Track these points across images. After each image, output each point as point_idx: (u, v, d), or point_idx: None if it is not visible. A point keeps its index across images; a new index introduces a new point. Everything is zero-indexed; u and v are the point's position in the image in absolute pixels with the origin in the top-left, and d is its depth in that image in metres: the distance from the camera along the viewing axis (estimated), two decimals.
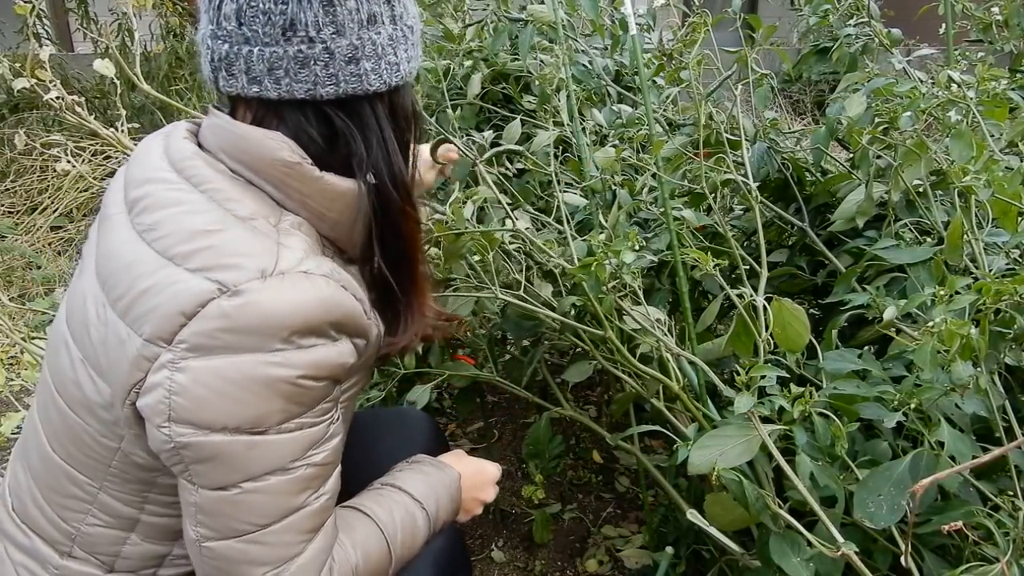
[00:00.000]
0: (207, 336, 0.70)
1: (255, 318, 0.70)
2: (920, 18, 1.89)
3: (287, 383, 0.72)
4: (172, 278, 0.72)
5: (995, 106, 1.33)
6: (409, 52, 0.82)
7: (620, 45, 1.97)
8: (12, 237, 3.62)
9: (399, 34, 0.81)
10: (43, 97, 1.31)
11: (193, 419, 0.71)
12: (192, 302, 0.70)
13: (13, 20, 3.91)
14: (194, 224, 0.75)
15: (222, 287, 0.71)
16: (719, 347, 1.28)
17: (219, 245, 0.74)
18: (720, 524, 0.98)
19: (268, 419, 0.73)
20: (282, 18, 0.75)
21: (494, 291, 1.25)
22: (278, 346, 0.72)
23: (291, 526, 0.77)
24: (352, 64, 0.77)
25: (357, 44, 0.77)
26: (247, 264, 0.72)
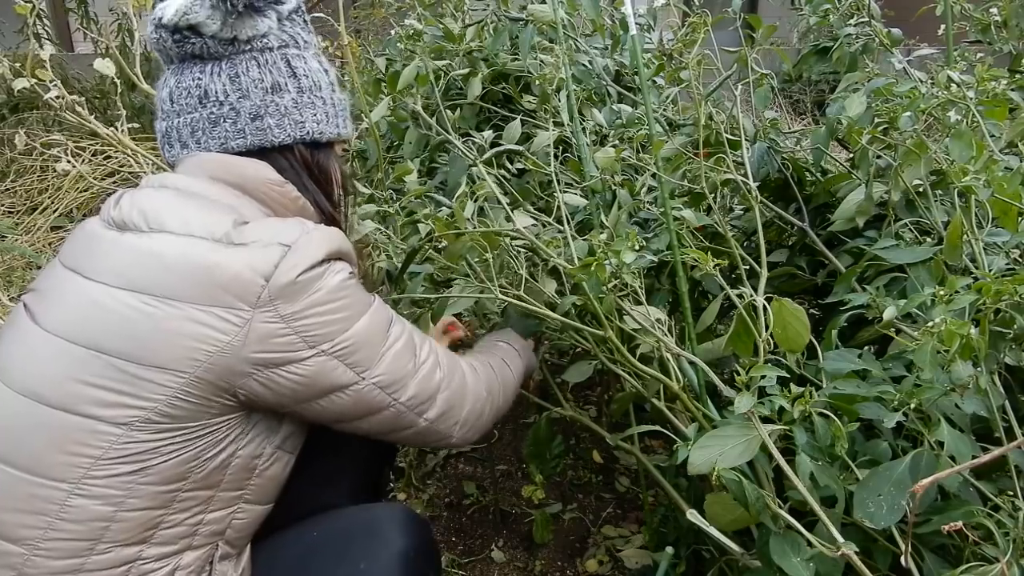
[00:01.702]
0: (288, 286, 0.87)
1: (315, 253, 0.89)
2: (919, 18, 1.89)
3: (348, 282, 0.93)
4: (236, 253, 0.87)
5: (995, 106, 1.33)
6: (317, 116, 1.02)
7: (620, 45, 1.97)
8: (12, 237, 3.62)
9: (305, 100, 1.01)
10: (43, 97, 1.31)
11: (328, 337, 0.90)
12: (268, 265, 0.86)
13: (13, 20, 3.91)
14: (225, 218, 0.91)
15: (285, 244, 0.88)
16: (719, 347, 1.28)
17: (260, 226, 0.91)
18: (720, 524, 0.98)
19: (360, 305, 0.94)
20: (198, 90, 0.96)
21: (494, 291, 1.25)
22: (329, 267, 0.91)
23: (417, 343, 1.02)
24: (257, 120, 0.97)
25: (260, 105, 0.97)
26: (292, 226, 0.92)
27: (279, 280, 0.86)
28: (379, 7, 3.46)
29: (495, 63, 1.77)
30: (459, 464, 2.07)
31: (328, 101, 1.04)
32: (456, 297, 1.34)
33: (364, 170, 1.95)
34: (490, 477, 1.96)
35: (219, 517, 0.94)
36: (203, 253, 0.87)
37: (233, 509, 0.95)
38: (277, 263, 0.87)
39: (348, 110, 1.08)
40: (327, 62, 1.06)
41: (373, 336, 0.95)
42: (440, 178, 1.76)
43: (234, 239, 0.89)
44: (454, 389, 1.06)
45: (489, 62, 1.78)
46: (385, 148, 1.78)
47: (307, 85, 1.01)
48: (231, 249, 0.88)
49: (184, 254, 0.87)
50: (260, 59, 0.98)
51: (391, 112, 1.66)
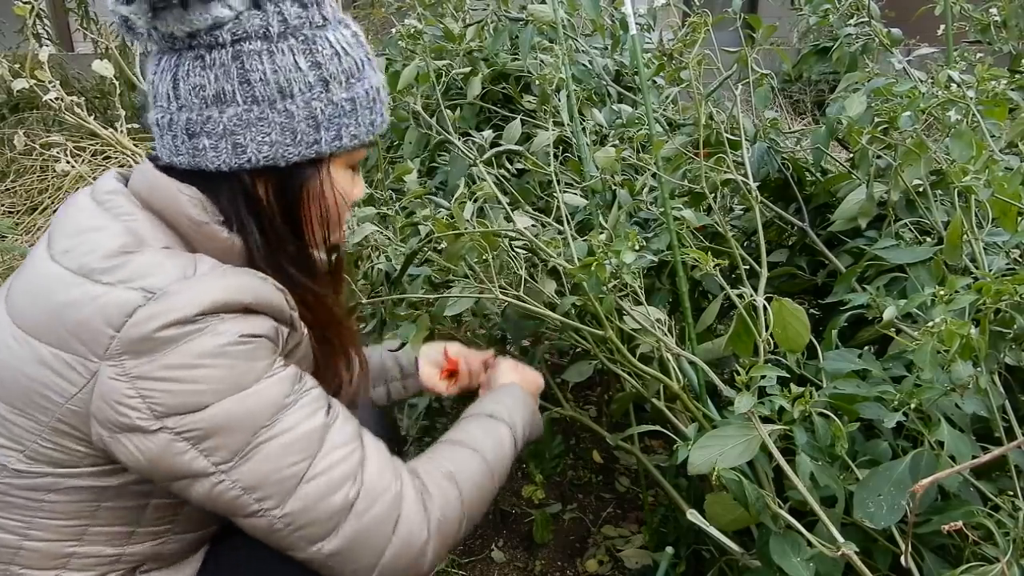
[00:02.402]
0: (143, 340, 0.72)
1: (181, 309, 0.72)
2: (919, 18, 1.89)
3: (232, 344, 0.74)
4: (93, 293, 0.73)
5: (995, 106, 1.33)
6: (270, 136, 0.78)
7: (620, 45, 1.97)
8: (12, 237, 3.62)
9: (254, 116, 0.77)
10: (43, 97, 1.31)
11: (173, 408, 0.73)
12: (120, 313, 0.72)
13: (13, 20, 3.91)
14: (112, 245, 0.77)
15: (146, 293, 0.72)
16: (719, 347, 1.28)
17: (137, 262, 0.76)
18: (720, 524, 0.98)
19: (241, 377, 0.75)
20: (151, 88, 0.81)
21: (494, 292, 1.25)
22: (207, 322, 0.73)
23: (332, 442, 0.79)
24: (193, 139, 0.78)
25: (196, 120, 0.77)
26: (169, 270, 0.75)
27: (130, 333, 0.71)
28: (379, 7, 3.46)
29: (495, 63, 1.77)
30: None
31: (299, 112, 0.78)
32: (456, 298, 1.34)
33: (364, 170, 1.95)
34: None
35: (144, 549, 0.85)
36: (62, 288, 0.75)
37: (161, 541, 0.86)
38: (131, 312, 0.71)
39: (361, 109, 0.82)
40: (343, 42, 0.81)
41: (243, 421, 0.74)
42: (440, 178, 1.76)
43: (99, 274, 0.74)
44: (373, 521, 0.79)
45: (489, 62, 1.78)
46: (385, 148, 1.78)
47: (263, 94, 0.76)
48: (90, 286, 0.74)
49: (47, 287, 0.76)
50: (206, 58, 0.76)
51: (391, 112, 1.66)
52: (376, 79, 0.84)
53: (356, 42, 0.83)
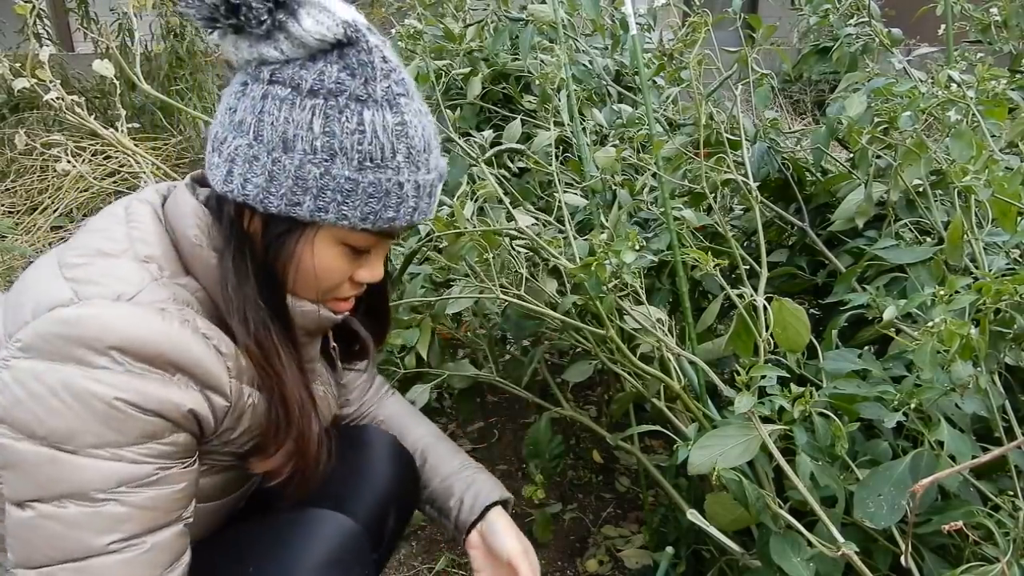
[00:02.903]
0: (40, 338, 0.70)
1: (89, 329, 0.70)
2: (919, 18, 1.89)
3: (103, 402, 0.70)
4: (50, 280, 0.75)
5: (995, 106, 1.33)
6: (255, 178, 0.75)
7: (620, 45, 1.97)
8: (12, 237, 3.62)
9: (250, 153, 0.75)
10: (43, 97, 1.31)
11: (7, 418, 0.70)
12: (45, 304, 0.72)
13: (13, 20, 3.91)
14: (96, 245, 0.78)
15: (75, 298, 0.72)
16: (719, 347, 1.28)
17: (102, 265, 0.76)
18: (720, 524, 0.98)
19: (78, 437, 0.70)
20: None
21: (494, 291, 1.25)
22: (103, 362, 0.70)
23: (88, 570, 0.71)
24: (211, 153, 0.79)
25: (218, 136, 0.78)
26: (111, 284, 0.74)
27: (38, 325, 0.71)
28: (379, 7, 3.46)
29: (495, 63, 1.77)
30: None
31: (290, 167, 0.74)
32: (456, 298, 1.34)
33: None
34: None
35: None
36: (42, 271, 0.77)
37: None
38: (52, 307, 0.71)
39: (365, 196, 0.76)
40: (377, 125, 0.75)
41: (41, 477, 0.70)
42: None
43: (66, 268, 0.76)
44: None
45: (489, 62, 1.78)
46: None
47: (267, 137, 0.74)
48: (53, 274, 0.75)
49: (36, 267, 0.79)
50: (247, 86, 0.76)
51: None
52: (415, 177, 0.78)
53: (399, 131, 0.76)
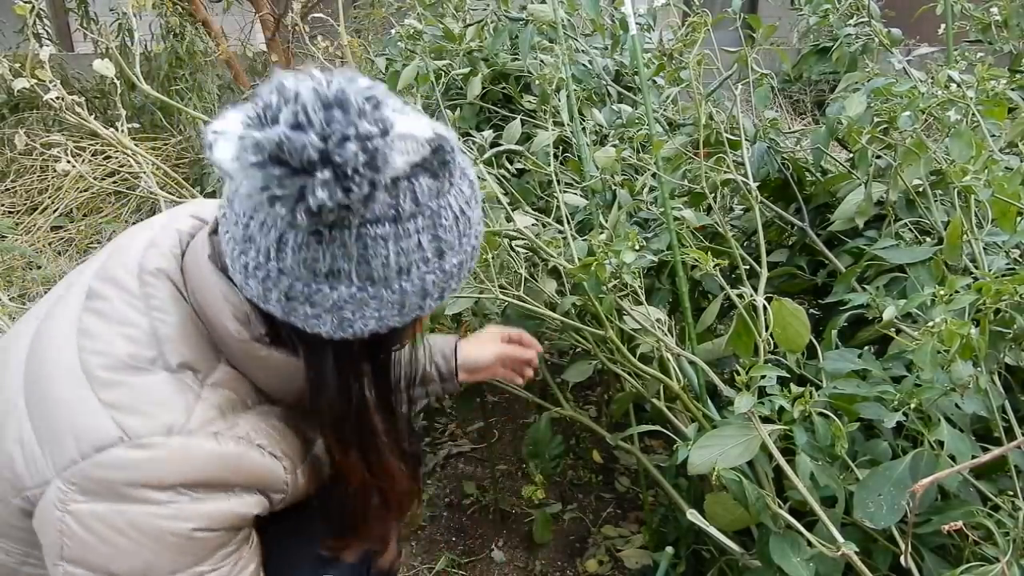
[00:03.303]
0: (95, 482, 0.69)
1: (148, 473, 0.69)
2: (919, 18, 1.89)
3: (174, 535, 0.70)
4: (84, 404, 0.71)
5: (994, 106, 1.33)
6: (381, 313, 0.70)
7: (620, 45, 1.97)
8: (12, 237, 3.62)
9: (366, 296, 0.69)
10: (43, 97, 1.31)
11: (81, 561, 0.70)
12: (93, 441, 0.69)
13: (13, 20, 3.92)
14: (126, 353, 0.74)
15: (125, 435, 0.69)
16: (719, 347, 1.28)
17: (138, 386, 0.72)
18: (720, 524, 0.98)
19: (156, 569, 0.70)
20: (235, 216, 0.70)
21: (494, 291, 1.25)
22: (166, 498, 0.70)
23: None
24: (291, 301, 0.69)
25: (301, 289, 0.68)
26: (157, 415, 0.71)
27: (90, 469, 0.69)
28: (379, 7, 3.46)
29: (495, 63, 1.77)
30: (459, 464, 2.07)
31: (412, 287, 0.70)
32: (456, 297, 1.34)
33: None
34: (490, 477, 1.96)
35: None
36: (66, 381, 0.73)
37: None
38: (102, 448, 0.69)
39: (469, 264, 0.74)
40: (461, 201, 0.71)
41: None
42: None
43: (99, 386, 0.72)
44: None
45: (489, 62, 1.78)
46: None
47: (380, 276, 0.68)
48: (85, 393, 0.71)
49: (57, 369, 0.74)
50: (324, 235, 0.65)
51: None
52: (480, 220, 0.75)
53: (472, 191, 0.73)
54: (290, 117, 0.59)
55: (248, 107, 0.61)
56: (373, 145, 0.60)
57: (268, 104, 0.60)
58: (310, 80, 0.61)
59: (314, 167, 0.59)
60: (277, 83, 0.60)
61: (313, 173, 0.59)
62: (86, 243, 3.71)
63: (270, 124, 0.59)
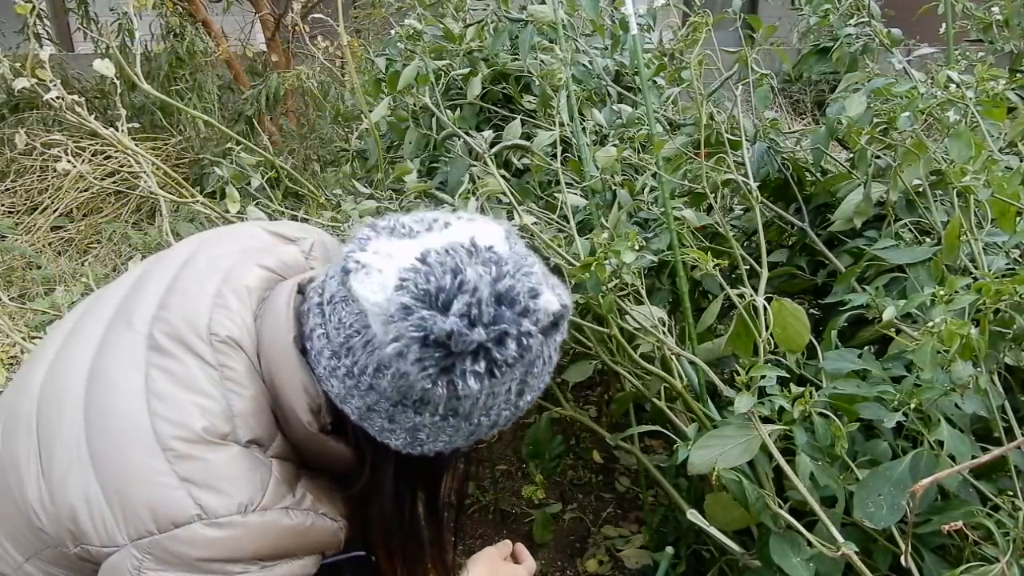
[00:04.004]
0: (173, 555, 0.70)
1: (225, 551, 0.71)
2: (919, 18, 1.89)
3: None
4: (160, 476, 0.71)
5: (994, 106, 1.33)
6: (452, 439, 0.72)
7: (620, 45, 1.97)
8: (12, 237, 3.62)
9: (446, 425, 0.70)
10: (43, 97, 1.31)
11: None
12: (169, 517, 0.70)
13: (13, 20, 3.92)
14: (201, 427, 0.73)
15: (203, 513, 0.70)
16: (719, 347, 1.28)
17: (214, 461, 0.72)
18: (720, 524, 0.98)
19: None
20: (338, 324, 0.70)
21: None
22: (243, 570, 0.72)
23: None
24: (370, 411, 0.71)
25: (384, 407, 0.70)
26: (233, 493, 0.72)
27: (167, 543, 0.70)
28: (379, 7, 3.46)
29: (495, 63, 1.77)
30: (459, 464, 2.07)
31: (486, 422, 0.72)
32: None
33: (364, 170, 1.95)
34: (490, 477, 1.97)
35: None
36: (139, 447, 0.72)
37: None
38: (180, 524, 0.70)
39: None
40: (552, 348, 0.71)
41: None
42: (440, 178, 1.76)
43: (173, 459, 0.71)
44: None
45: (489, 62, 1.78)
46: (385, 148, 1.78)
47: (464, 411, 0.70)
48: (160, 464, 0.71)
49: (127, 430, 0.73)
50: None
51: (391, 112, 1.66)
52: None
53: (562, 335, 0.72)
54: (463, 308, 0.61)
55: (411, 264, 0.63)
56: (528, 342, 0.63)
57: (442, 287, 0.61)
58: (481, 265, 0.63)
59: (472, 357, 0.62)
60: (454, 264, 0.62)
61: (465, 359, 0.62)
62: (86, 243, 3.71)
63: (441, 310, 0.61)
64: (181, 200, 1.54)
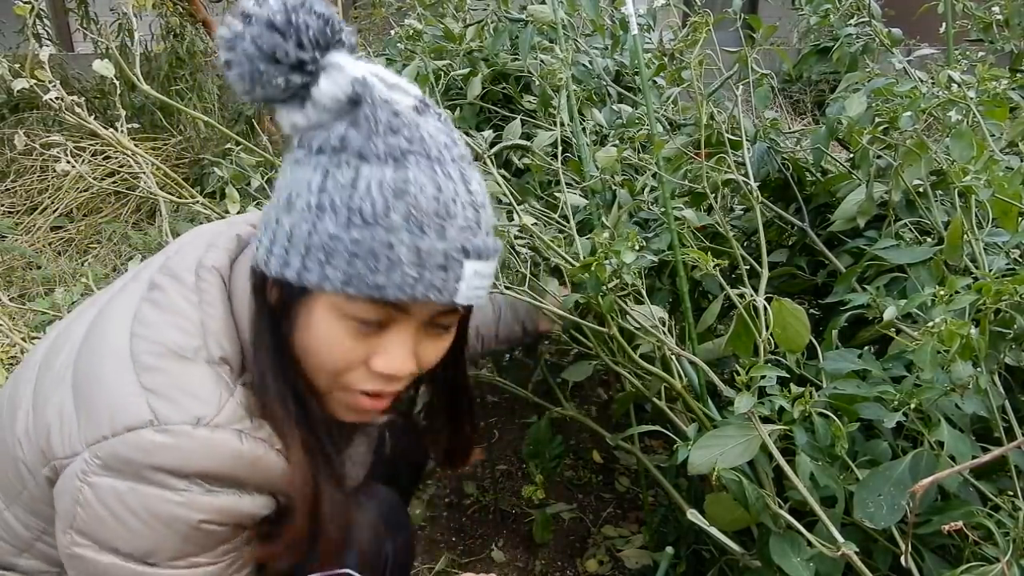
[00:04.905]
0: (119, 460, 0.71)
1: (171, 460, 0.71)
2: (920, 17, 1.89)
3: (186, 524, 0.72)
4: (125, 385, 0.73)
5: (995, 106, 1.33)
6: (267, 236, 0.74)
7: (620, 45, 1.97)
8: (12, 237, 3.62)
9: (269, 217, 0.74)
10: (43, 97, 1.31)
11: (89, 533, 0.72)
12: (124, 422, 0.71)
13: (13, 20, 3.92)
14: (173, 341, 0.75)
15: (155, 419, 0.71)
16: (719, 347, 1.28)
17: (178, 374, 0.74)
18: (720, 524, 0.98)
19: (161, 553, 0.72)
20: None
21: (498, 288, 1.25)
22: (183, 486, 0.72)
23: None
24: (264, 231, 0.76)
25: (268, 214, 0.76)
26: (188, 405, 0.72)
27: (118, 446, 0.71)
28: (379, 7, 3.46)
29: (495, 63, 1.77)
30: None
31: (285, 226, 0.72)
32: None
33: None
34: (490, 477, 1.97)
35: None
36: (112, 361, 0.75)
37: None
38: (132, 428, 0.71)
39: (341, 255, 0.70)
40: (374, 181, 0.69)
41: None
42: None
43: (142, 371, 0.74)
44: None
45: (489, 62, 1.78)
46: None
47: (277, 200, 0.75)
48: (127, 377, 0.73)
49: (107, 349, 0.76)
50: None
51: None
52: (417, 241, 0.70)
53: (399, 189, 0.70)
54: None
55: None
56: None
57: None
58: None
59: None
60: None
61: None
62: (86, 243, 3.71)
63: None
64: (181, 200, 1.54)
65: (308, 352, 0.77)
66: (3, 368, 1.79)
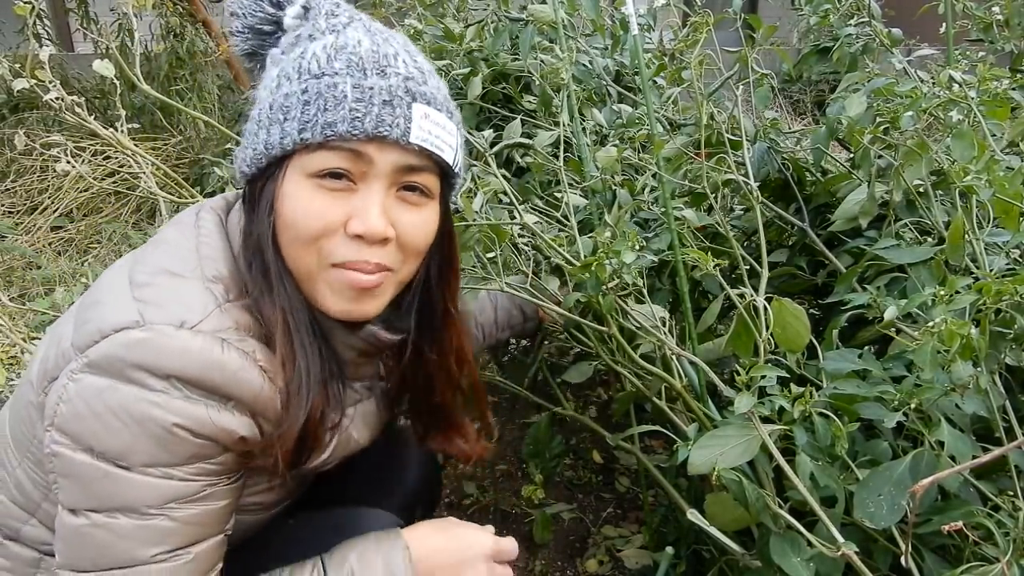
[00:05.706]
0: (104, 357, 0.72)
1: (148, 355, 0.72)
2: (920, 18, 1.89)
3: (159, 426, 0.72)
4: (120, 300, 0.76)
5: (996, 106, 1.33)
6: (246, 140, 0.83)
7: (621, 45, 1.97)
8: (12, 237, 3.62)
9: (251, 122, 0.83)
10: (43, 97, 1.31)
11: (67, 429, 0.73)
12: (113, 324, 0.73)
13: (13, 20, 3.92)
14: (166, 263, 0.80)
15: (141, 320, 0.73)
16: (719, 347, 1.28)
17: (169, 287, 0.77)
18: (720, 524, 0.98)
19: (132, 455, 0.72)
20: None
21: (500, 284, 1.25)
22: (161, 387, 0.72)
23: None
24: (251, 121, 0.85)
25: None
26: (175, 310, 0.75)
27: (105, 346, 0.73)
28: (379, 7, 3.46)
29: (495, 63, 1.77)
30: (459, 464, 2.07)
31: (255, 115, 0.82)
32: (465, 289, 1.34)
33: None
34: (490, 477, 1.96)
35: None
36: (108, 289, 0.79)
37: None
38: (119, 328, 0.73)
39: (298, 105, 0.77)
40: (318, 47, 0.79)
41: (95, 489, 0.73)
42: None
43: (135, 287, 0.77)
44: None
45: (489, 62, 1.78)
46: None
47: (256, 97, 0.84)
48: (123, 300, 0.76)
49: (110, 280, 0.81)
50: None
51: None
52: (360, 81, 0.76)
53: (339, 46, 0.79)
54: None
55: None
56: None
57: None
58: None
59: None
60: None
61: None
62: (86, 243, 3.71)
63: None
64: (181, 200, 1.54)
65: (288, 227, 0.78)
66: (3, 367, 1.79)
